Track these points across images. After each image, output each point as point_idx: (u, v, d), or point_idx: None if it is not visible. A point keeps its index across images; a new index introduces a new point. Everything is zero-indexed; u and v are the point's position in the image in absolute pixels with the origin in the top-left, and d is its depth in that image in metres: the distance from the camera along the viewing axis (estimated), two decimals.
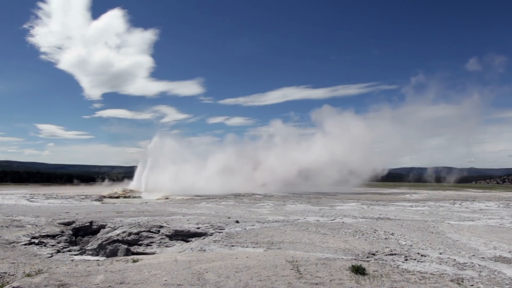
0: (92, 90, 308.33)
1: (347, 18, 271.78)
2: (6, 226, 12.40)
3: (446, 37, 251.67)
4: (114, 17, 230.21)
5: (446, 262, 8.30)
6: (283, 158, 55.06)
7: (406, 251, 9.51)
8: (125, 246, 12.18)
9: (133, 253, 11.33)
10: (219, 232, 12.39)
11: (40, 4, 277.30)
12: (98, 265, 6.68)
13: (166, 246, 11.90)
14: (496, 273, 7.39)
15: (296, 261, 6.81)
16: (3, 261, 7.88)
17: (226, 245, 10.39)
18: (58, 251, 10.35)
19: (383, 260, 8.24)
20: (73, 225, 14.03)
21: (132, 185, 50.63)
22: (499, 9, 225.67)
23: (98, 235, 13.32)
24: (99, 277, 5.50)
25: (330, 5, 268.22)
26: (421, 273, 6.57)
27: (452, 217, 18.09)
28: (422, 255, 8.97)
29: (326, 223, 14.89)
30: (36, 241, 10.91)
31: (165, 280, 5.35)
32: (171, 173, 46.31)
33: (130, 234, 12.63)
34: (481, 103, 73.75)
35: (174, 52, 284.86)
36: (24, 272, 6.19)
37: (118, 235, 12.69)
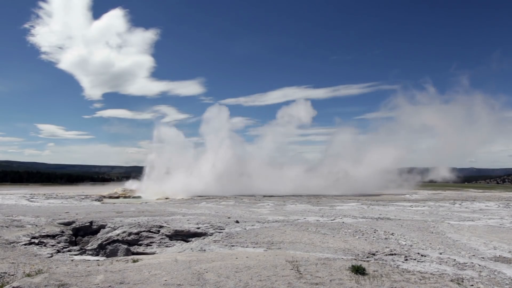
0: (92, 90, 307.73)
1: (348, 18, 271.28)
2: (6, 226, 12.40)
3: (447, 37, 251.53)
4: (115, 17, 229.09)
5: (446, 262, 8.31)
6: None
7: (406, 251, 9.51)
8: (125, 246, 12.18)
9: (133, 253, 11.33)
10: (219, 232, 12.39)
11: (41, 4, 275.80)
12: (98, 265, 6.68)
13: (166, 246, 11.91)
14: (496, 273, 7.39)
15: (296, 261, 6.81)
16: (3, 261, 7.87)
17: (226, 245, 10.39)
18: (58, 251, 10.34)
19: (383, 260, 8.24)
20: (73, 225, 14.03)
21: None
22: (501, 9, 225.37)
23: (98, 235, 13.32)
24: (99, 277, 5.50)
25: (330, 5, 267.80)
26: (421, 273, 6.57)
27: (452, 217, 18.09)
28: (422, 255, 8.97)
29: (326, 223, 14.89)
30: (36, 241, 10.90)
31: (165, 280, 5.35)
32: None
33: (130, 234, 12.63)
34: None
35: (174, 52, 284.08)
36: (24, 272, 6.18)
37: (118, 235, 12.69)
